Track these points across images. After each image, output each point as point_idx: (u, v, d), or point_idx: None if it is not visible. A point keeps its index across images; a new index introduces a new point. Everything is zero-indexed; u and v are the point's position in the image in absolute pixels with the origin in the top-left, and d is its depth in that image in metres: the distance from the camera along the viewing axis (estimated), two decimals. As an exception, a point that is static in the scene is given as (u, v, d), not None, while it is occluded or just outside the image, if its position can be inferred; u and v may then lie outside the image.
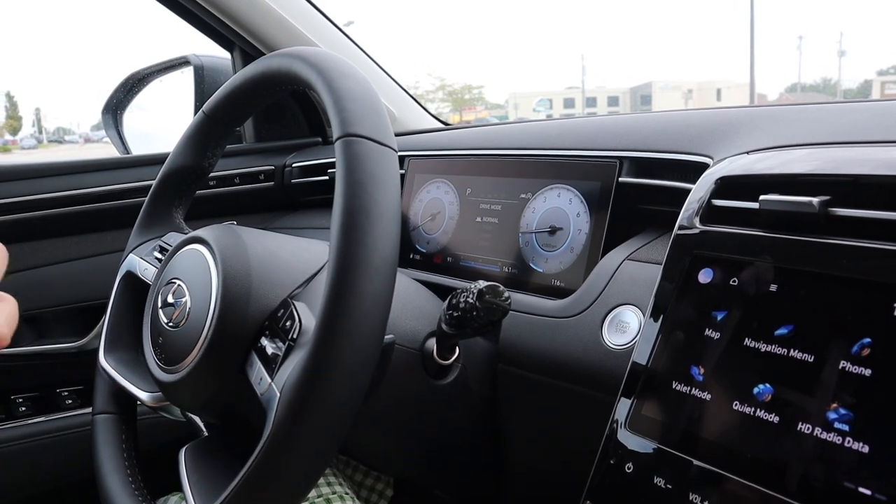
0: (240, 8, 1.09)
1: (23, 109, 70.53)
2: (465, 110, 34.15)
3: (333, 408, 0.49)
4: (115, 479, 0.71)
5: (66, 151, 42.16)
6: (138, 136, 1.49)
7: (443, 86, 34.57)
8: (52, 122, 66.50)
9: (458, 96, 34.35)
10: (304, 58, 0.63)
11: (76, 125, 69.64)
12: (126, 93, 1.46)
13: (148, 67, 1.43)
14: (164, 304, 0.67)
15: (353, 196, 0.52)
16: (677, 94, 37.76)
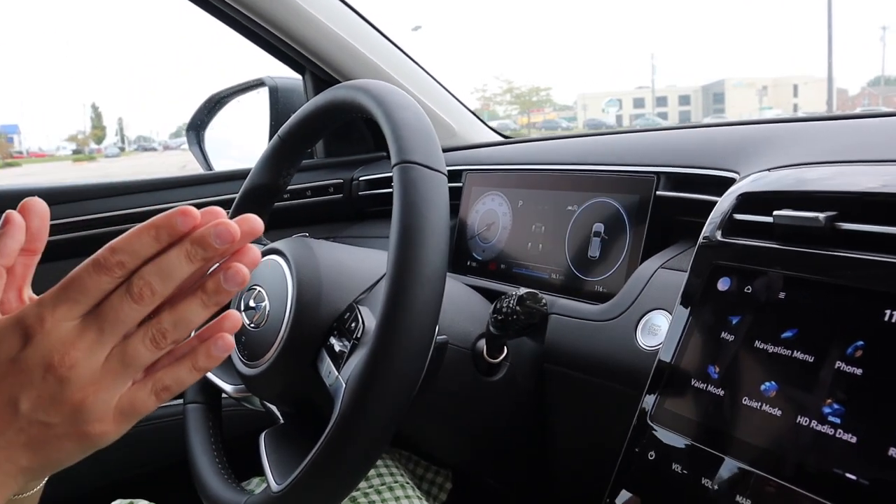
0: (309, 36, 1.19)
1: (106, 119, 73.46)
2: (533, 112, 34.06)
3: (390, 396, 0.57)
4: (205, 460, 0.82)
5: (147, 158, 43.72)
6: (219, 144, 1.62)
7: (510, 88, 34.58)
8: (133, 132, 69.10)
9: (526, 98, 34.28)
10: (367, 90, 0.72)
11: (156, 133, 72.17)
12: (207, 112, 1.59)
13: (227, 89, 1.55)
14: (246, 307, 0.76)
15: (408, 215, 0.60)
16: (751, 91, 36.72)
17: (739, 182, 0.70)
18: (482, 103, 36.30)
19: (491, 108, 35.49)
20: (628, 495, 0.63)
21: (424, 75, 1.35)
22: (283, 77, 1.40)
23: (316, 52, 1.22)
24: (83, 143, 66.88)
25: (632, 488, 0.63)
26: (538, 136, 1.26)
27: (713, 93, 40.58)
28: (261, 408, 0.87)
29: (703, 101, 41.03)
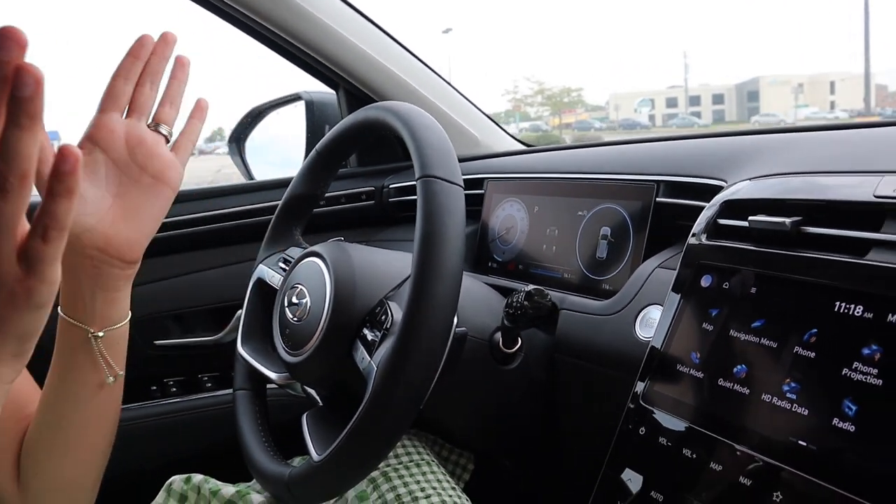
0: (342, 56, 1.30)
1: (144, 123, 74.32)
2: (565, 113, 33.99)
3: (415, 377, 0.67)
4: (253, 439, 0.92)
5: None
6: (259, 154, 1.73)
7: (541, 90, 34.53)
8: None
9: (557, 100, 34.21)
10: (395, 111, 0.82)
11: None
12: (247, 125, 1.71)
13: (266, 103, 1.66)
14: (289, 303, 0.87)
15: (429, 223, 0.70)
16: (786, 88, 36.23)
17: (724, 190, 0.79)
18: (513, 105, 36.28)
19: (522, 110, 35.47)
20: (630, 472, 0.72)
21: (449, 89, 1.44)
22: (317, 92, 1.51)
23: (349, 71, 1.32)
24: (121, 149, 67.80)
25: (626, 461, 0.72)
26: (554, 146, 1.35)
27: (747, 91, 40.11)
28: (301, 394, 0.97)
29: (738, 100, 40.58)
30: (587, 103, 39.09)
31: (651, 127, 36.71)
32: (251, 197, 1.37)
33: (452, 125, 1.41)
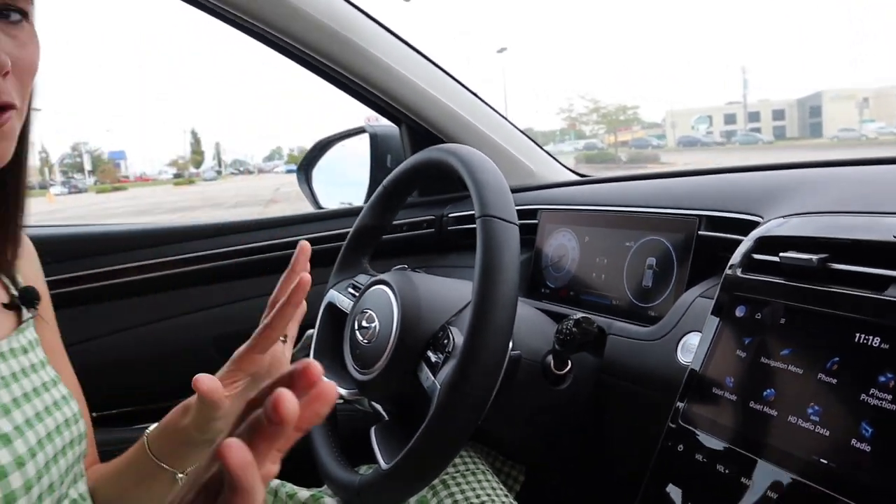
0: (406, 95, 1.40)
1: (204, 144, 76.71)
2: (620, 131, 33.81)
3: (474, 395, 0.76)
4: (326, 450, 1.01)
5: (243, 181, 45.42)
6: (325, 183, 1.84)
7: (596, 108, 34.47)
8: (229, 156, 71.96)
9: (613, 118, 34.08)
10: (457, 154, 0.91)
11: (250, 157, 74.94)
12: (315, 155, 1.83)
13: (332, 135, 1.78)
14: (359, 326, 0.96)
15: (488, 258, 0.79)
16: (850, 103, 35.28)
17: (759, 227, 0.86)
18: (568, 123, 36.23)
19: (577, 128, 35.38)
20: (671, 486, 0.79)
21: (505, 123, 1.53)
22: (381, 125, 1.62)
23: (411, 108, 1.42)
24: (183, 168, 70.10)
25: (666, 476, 0.79)
26: (604, 177, 1.43)
27: (809, 106, 39.16)
28: (369, 409, 1.06)
29: (799, 116, 39.67)
30: (643, 121, 38.78)
31: (711, 144, 36.15)
32: (319, 226, 1.48)
33: (508, 157, 1.50)
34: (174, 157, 78.52)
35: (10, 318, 0.77)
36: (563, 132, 35.72)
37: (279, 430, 0.39)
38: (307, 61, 1.38)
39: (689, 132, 37.72)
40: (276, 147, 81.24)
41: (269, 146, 56.01)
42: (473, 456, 1.01)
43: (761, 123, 42.06)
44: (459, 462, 0.99)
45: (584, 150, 30.83)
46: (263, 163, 70.19)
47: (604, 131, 34.53)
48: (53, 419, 0.73)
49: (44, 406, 0.73)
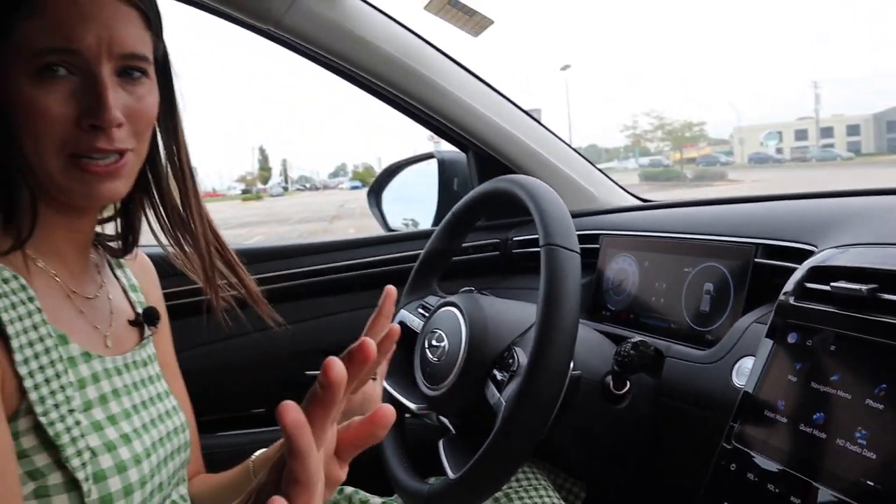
0: (473, 124, 1.48)
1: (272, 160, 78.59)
2: (686, 148, 33.33)
3: (537, 413, 0.81)
4: (396, 461, 1.08)
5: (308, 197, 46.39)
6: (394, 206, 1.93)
7: (661, 125, 34.06)
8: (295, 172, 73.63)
9: (678, 134, 33.63)
10: (523, 185, 0.98)
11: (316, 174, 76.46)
12: (384, 179, 1.91)
13: (402, 160, 1.87)
14: (429, 345, 1.03)
15: (551, 284, 0.85)
16: (931, 119, 34.01)
17: (813, 256, 0.89)
18: (632, 140, 35.88)
19: (642, 145, 35.02)
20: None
21: (568, 149, 1.59)
22: (448, 151, 1.70)
23: (478, 137, 1.50)
24: (251, 183, 71.92)
25: (719, 494, 0.83)
26: (664, 202, 1.47)
27: (886, 121, 37.91)
28: (437, 423, 1.13)
29: (875, 131, 38.41)
30: (710, 137, 38.12)
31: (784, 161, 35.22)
32: (390, 248, 1.56)
33: (570, 183, 1.56)
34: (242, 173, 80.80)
35: (134, 333, 0.88)
36: (627, 149, 35.39)
37: (330, 396, 0.47)
38: (379, 92, 1.46)
39: (758, 149, 36.90)
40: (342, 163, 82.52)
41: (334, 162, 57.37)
42: (536, 471, 1.06)
43: (835, 139, 40.85)
44: (522, 476, 1.04)
45: (650, 168, 30.42)
46: (329, 179, 71.50)
47: (669, 148, 34.08)
48: (164, 427, 0.82)
49: (157, 414, 0.82)
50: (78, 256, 0.84)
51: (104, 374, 0.78)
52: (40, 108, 0.69)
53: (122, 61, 0.73)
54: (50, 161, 0.72)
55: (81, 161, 0.72)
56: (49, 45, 0.69)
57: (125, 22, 0.73)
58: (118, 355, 0.82)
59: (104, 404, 0.76)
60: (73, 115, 0.71)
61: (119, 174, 0.75)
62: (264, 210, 31.43)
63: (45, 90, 0.70)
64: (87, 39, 0.70)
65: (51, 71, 0.70)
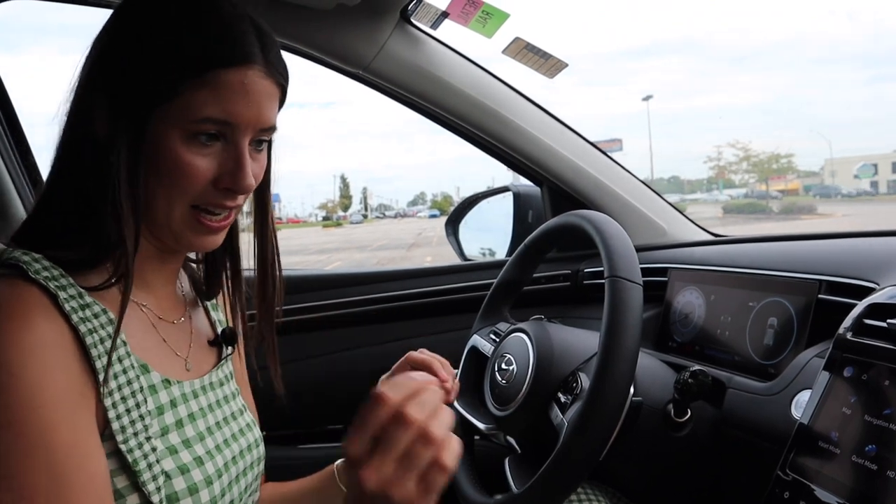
0: (547, 160, 1.55)
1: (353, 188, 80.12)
2: (773, 180, 32.42)
3: (596, 435, 0.87)
4: (465, 477, 1.14)
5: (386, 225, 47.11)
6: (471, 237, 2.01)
7: (747, 156, 33.28)
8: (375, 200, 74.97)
9: (765, 166, 32.77)
10: (590, 220, 1.04)
11: (395, 202, 77.61)
12: (462, 210, 2.00)
13: (479, 193, 1.95)
14: (499, 369, 1.10)
15: (614, 314, 0.90)
16: None
17: (874, 293, 0.92)
18: (716, 172, 35.14)
19: (726, 177, 34.25)
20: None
21: (640, 184, 1.64)
22: (523, 185, 1.77)
23: (552, 172, 1.57)
24: (332, 211, 73.47)
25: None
26: (732, 238, 1.50)
27: None
28: (504, 443, 1.19)
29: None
30: (799, 169, 36.97)
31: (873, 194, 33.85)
32: (464, 276, 1.64)
33: (641, 217, 1.61)
34: (324, 201, 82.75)
35: (212, 354, 0.95)
36: (710, 181, 34.66)
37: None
38: (458, 129, 1.55)
39: (850, 181, 35.55)
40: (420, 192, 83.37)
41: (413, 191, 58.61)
42: (597, 492, 1.11)
43: (935, 173, 38.93)
44: (583, 494, 1.09)
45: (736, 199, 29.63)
46: (407, 207, 72.49)
47: (754, 180, 33.23)
48: (238, 444, 0.89)
49: (231, 433, 0.89)
50: (166, 283, 0.91)
51: (181, 399, 0.84)
52: (188, 165, 0.77)
53: (259, 133, 0.81)
54: (176, 209, 0.79)
55: (202, 214, 0.81)
56: (211, 116, 0.76)
57: (272, 100, 0.81)
58: (196, 378, 0.88)
59: (180, 428, 0.82)
60: (212, 175, 0.79)
61: (222, 230, 0.84)
62: (344, 237, 32.07)
63: (194, 151, 0.77)
64: (244, 115, 0.78)
65: (203, 136, 0.77)
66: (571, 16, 60.05)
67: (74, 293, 0.74)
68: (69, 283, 0.75)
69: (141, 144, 0.76)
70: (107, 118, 0.77)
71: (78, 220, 0.79)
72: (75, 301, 0.74)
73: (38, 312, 0.70)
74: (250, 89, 0.77)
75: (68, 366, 0.71)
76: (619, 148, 17.51)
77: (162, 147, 0.76)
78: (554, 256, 1.69)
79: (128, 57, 0.77)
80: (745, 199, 28.88)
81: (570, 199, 1.60)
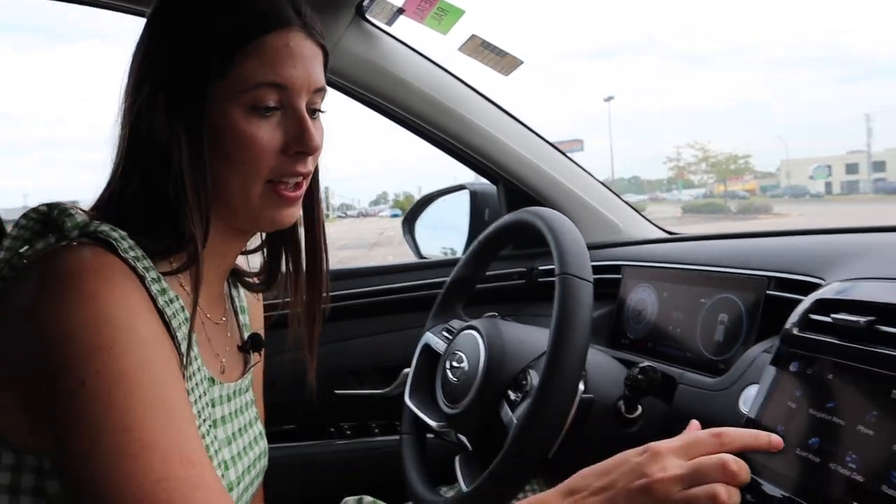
0: (503, 159, 1.55)
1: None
2: (731, 180, 33.00)
3: (544, 432, 0.86)
4: (415, 474, 1.13)
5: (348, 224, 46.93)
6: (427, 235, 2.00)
7: (705, 157, 33.81)
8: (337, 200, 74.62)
9: (723, 167, 33.32)
10: (542, 217, 1.03)
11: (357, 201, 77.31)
12: (418, 209, 1.99)
13: (435, 191, 1.94)
14: (450, 366, 1.09)
15: (564, 310, 0.90)
16: None
17: (819, 289, 0.93)
18: (675, 172, 35.66)
19: (685, 177, 34.77)
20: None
21: (595, 183, 1.65)
22: (480, 183, 1.76)
23: (508, 170, 1.57)
24: (294, 210, 72.62)
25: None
26: (686, 236, 1.51)
27: (941, 158, 37.00)
28: (455, 440, 1.18)
29: (930, 167, 37.53)
30: (756, 170, 37.67)
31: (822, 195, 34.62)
32: (418, 274, 1.63)
33: (597, 215, 1.61)
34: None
35: (240, 360, 0.94)
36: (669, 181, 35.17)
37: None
38: (414, 127, 1.54)
39: (805, 182, 36.33)
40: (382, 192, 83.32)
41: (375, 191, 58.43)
42: (544, 488, 1.10)
43: (887, 173, 39.98)
44: (530, 492, 1.08)
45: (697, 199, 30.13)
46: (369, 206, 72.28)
47: (713, 181, 33.78)
48: (253, 453, 0.89)
49: (247, 442, 0.88)
50: (218, 281, 0.90)
51: (219, 401, 0.84)
52: (252, 137, 0.77)
53: (313, 96, 0.82)
54: (254, 186, 0.80)
55: (278, 187, 0.81)
56: (264, 80, 0.77)
57: (317, 60, 0.83)
58: (230, 382, 0.88)
59: (215, 429, 0.82)
60: (278, 143, 0.79)
61: (298, 201, 0.84)
62: (306, 236, 31.67)
63: (256, 124, 0.78)
64: (295, 76, 0.79)
65: (262, 105, 0.78)
66: (531, 15, 60.54)
67: (156, 276, 0.74)
68: (151, 266, 0.74)
69: (201, 130, 0.76)
70: (164, 110, 0.77)
71: (149, 214, 0.78)
72: (157, 285, 0.74)
73: (132, 286, 0.70)
74: (295, 51, 0.79)
75: (165, 339, 0.71)
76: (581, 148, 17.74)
77: (224, 126, 0.77)
78: (510, 254, 1.68)
79: (173, 45, 0.78)
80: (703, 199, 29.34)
81: (526, 197, 1.59)
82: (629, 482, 0.72)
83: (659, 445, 0.74)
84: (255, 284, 0.98)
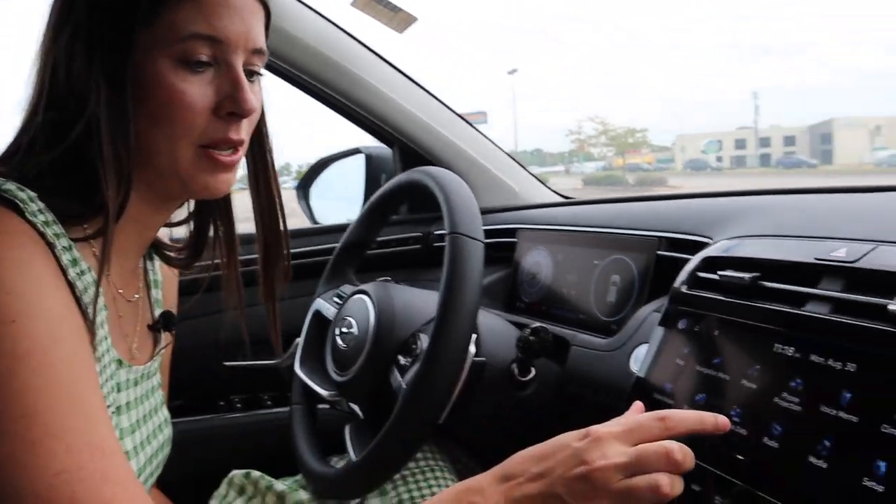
0: (398, 119, 1.50)
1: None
2: (629, 154, 33.96)
3: (433, 397, 0.83)
4: (305, 446, 1.09)
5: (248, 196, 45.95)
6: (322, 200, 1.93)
7: (605, 130, 34.64)
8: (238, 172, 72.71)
9: (622, 140, 34.24)
10: (433, 176, 0.99)
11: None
12: (313, 174, 1.92)
13: (329, 156, 1.87)
14: (340, 332, 1.04)
15: (453, 271, 0.87)
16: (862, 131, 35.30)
17: (707, 248, 0.93)
18: (577, 145, 36.41)
19: (586, 150, 35.57)
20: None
21: (494, 147, 1.62)
22: (375, 147, 1.71)
23: (403, 132, 1.52)
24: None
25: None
26: (581, 200, 1.51)
27: (820, 133, 39.25)
28: (347, 409, 1.14)
29: (810, 142, 39.72)
30: (652, 144, 38.90)
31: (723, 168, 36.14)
32: (311, 240, 1.56)
33: (493, 179, 1.59)
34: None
35: (150, 340, 0.87)
36: (571, 153, 35.89)
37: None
38: (307, 87, 1.47)
39: (698, 156, 37.80)
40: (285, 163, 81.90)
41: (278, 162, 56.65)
42: (437, 454, 1.08)
43: (772, 149, 42.07)
44: (422, 459, 1.06)
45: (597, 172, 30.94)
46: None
47: (612, 154, 34.69)
48: (157, 441, 0.82)
49: (151, 430, 0.82)
50: (136, 254, 0.83)
51: (125, 385, 0.77)
52: (182, 93, 0.70)
53: (251, 55, 0.76)
54: (182, 149, 0.72)
55: (211, 151, 0.74)
56: (197, 31, 0.70)
57: (258, 18, 0.76)
58: (138, 366, 0.81)
59: (118, 416, 0.75)
60: (210, 102, 0.72)
61: (235, 167, 0.77)
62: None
63: (186, 79, 0.71)
64: (231, 30, 0.72)
65: (193, 59, 0.71)
66: (439, -13, 59.76)
67: (67, 245, 0.67)
68: (62, 233, 0.66)
69: (125, 81, 0.68)
70: (83, 56, 0.68)
71: (62, 172, 0.69)
72: (68, 254, 0.66)
73: (40, 254, 0.63)
74: (234, 3, 0.73)
75: (75, 315, 0.65)
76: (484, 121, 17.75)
77: (150, 79, 0.69)
78: (406, 219, 1.65)
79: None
80: (603, 171, 30.08)
81: (422, 161, 1.55)
82: (567, 469, 0.67)
83: (600, 430, 0.69)
84: (177, 259, 0.92)
